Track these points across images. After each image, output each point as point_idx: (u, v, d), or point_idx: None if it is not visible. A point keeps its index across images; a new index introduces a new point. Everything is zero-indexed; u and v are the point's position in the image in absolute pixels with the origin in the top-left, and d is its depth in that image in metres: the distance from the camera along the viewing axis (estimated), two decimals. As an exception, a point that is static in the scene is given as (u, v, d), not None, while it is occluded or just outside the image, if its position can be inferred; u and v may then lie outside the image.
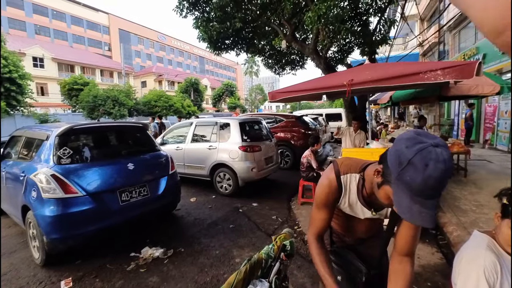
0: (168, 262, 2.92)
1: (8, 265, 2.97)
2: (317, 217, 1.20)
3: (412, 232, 1.05)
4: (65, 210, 2.69)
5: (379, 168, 0.93)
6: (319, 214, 1.20)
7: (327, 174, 1.18)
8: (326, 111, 14.82)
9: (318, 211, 1.20)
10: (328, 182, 1.15)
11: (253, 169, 4.92)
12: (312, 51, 6.38)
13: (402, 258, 1.07)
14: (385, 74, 3.09)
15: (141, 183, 3.33)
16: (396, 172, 0.79)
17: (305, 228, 3.67)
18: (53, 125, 3.43)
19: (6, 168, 3.59)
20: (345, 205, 1.18)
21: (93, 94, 22.07)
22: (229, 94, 39.20)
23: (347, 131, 5.49)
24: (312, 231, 1.22)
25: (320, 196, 1.17)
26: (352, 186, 1.14)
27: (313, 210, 1.23)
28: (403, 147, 0.78)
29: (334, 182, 1.14)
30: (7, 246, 3.42)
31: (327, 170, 1.21)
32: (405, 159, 0.76)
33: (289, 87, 4.28)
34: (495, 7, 0.26)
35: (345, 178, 1.14)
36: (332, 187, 1.14)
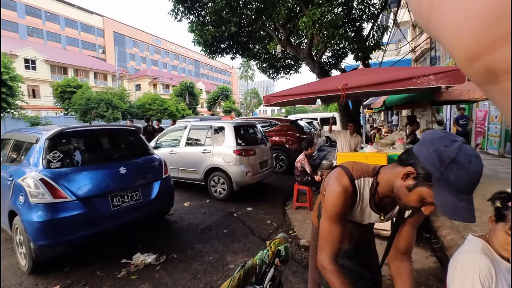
0: (160, 268, 2.85)
1: (-7, 272, 2.86)
2: (333, 233, 1.05)
3: (413, 231, 1.11)
4: (53, 216, 2.61)
5: (410, 170, 0.88)
6: (334, 228, 1.05)
7: (339, 179, 1.06)
8: (320, 115, 14.93)
9: (334, 225, 1.05)
10: (342, 188, 1.04)
11: (247, 173, 4.89)
12: (306, 55, 6.43)
13: (403, 256, 1.12)
14: (379, 79, 3.12)
15: (133, 188, 3.27)
16: (439, 172, 0.78)
17: (300, 233, 3.65)
18: (44, 128, 3.35)
19: (-7, 172, 3.49)
20: (356, 212, 1.11)
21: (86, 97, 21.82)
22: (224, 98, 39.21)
23: (343, 133, 5.51)
24: (328, 251, 1.05)
25: (335, 207, 1.04)
26: (365, 191, 1.07)
27: (325, 225, 1.07)
28: (442, 146, 0.78)
29: (349, 188, 1.04)
30: (-7, 253, 3.30)
31: (336, 175, 1.09)
32: (447, 158, 0.76)
33: (284, 91, 4.29)
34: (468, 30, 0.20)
35: (359, 182, 1.06)
36: (348, 193, 1.04)
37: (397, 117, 17.45)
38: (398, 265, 1.11)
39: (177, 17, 6.90)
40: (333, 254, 1.05)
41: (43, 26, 35.98)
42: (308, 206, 4.47)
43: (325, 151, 11.60)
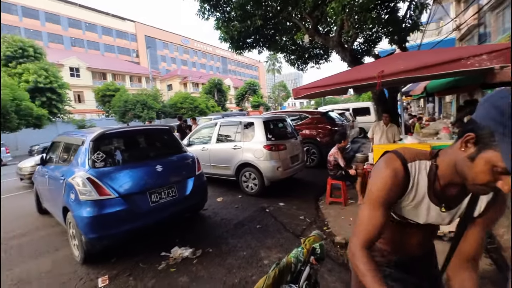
0: (197, 262, 2.95)
1: (52, 261, 3.20)
2: (370, 220, 0.93)
3: (482, 234, 0.93)
4: (100, 211, 2.82)
5: (469, 135, 0.75)
6: (374, 215, 0.93)
7: (388, 162, 0.92)
8: (353, 105, 14.23)
9: (373, 211, 0.93)
10: (391, 171, 0.89)
11: (278, 168, 4.84)
12: (336, 43, 6.12)
13: (468, 264, 0.94)
14: (420, 63, 2.83)
15: (169, 184, 3.41)
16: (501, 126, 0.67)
17: (335, 229, 3.53)
18: (88, 131, 3.62)
19: (49, 171, 3.88)
20: (410, 202, 0.94)
21: (123, 99, 23.34)
22: (252, 92, 39.32)
23: (376, 126, 5.21)
24: (361, 238, 0.94)
25: (380, 190, 0.91)
26: (421, 176, 0.91)
27: (363, 210, 0.96)
28: (497, 98, 0.70)
29: (400, 170, 0.89)
30: (52, 243, 3.70)
31: (386, 158, 0.95)
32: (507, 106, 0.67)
33: (313, 82, 4.13)
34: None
35: (413, 166, 0.91)
36: (398, 177, 0.89)
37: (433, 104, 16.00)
38: (461, 276, 0.93)
39: (204, 16, 7.00)
40: (367, 241, 0.93)
41: (83, 36, 39.07)
42: (343, 201, 4.31)
43: (359, 143, 11.08)
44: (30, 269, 3.08)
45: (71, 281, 2.76)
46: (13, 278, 2.90)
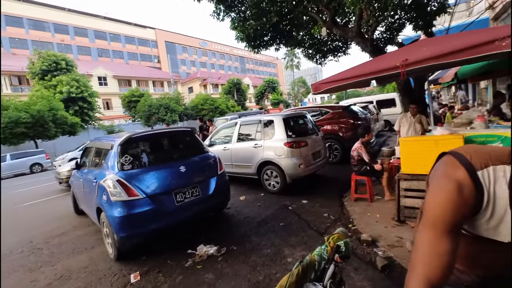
0: (222, 259, 3.01)
1: (88, 258, 3.43)
2: (433, 249, 0.70)
3: None
4: (129, 211, 2.98)
5: None
6: (440, 245, 0.70)
7: (448, 172, 0.72)
8: (376, 97, 13.63)
9: (439, 238, 0.70)
10: (454, 185, 0.69)
11: (300, 165, 4.78)
12: (356, 34, 5.90)
13: None
14: (448, 48, 2.64)
15: (193, 184, 3.50)
16: None
17: (361, 226, 3.42)
18: (116, 135, 3.81)
19: (83, 175, 4.15)
20: (487, 220, 0.71)
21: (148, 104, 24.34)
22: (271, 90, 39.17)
23: (403, 118, 4.96)
24: (423, 277, 0.69)
25: (441, 213, 0.70)
26: (499, 187, 0.68)
27: (422, 237, 0.74)
28: None
29: (467, 183, 0.68)
30: (88, 242, 3.97)
31: (445, 166, 0.75)
32: None
33: (333, 76, 4.02)
34: None
35: (485, 174, 0.68)
36: (465, 193, 0.68)
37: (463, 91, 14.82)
38: None
39: (219, 17, 7.07)
40: (434, 281, 0.69)
41: (108, 46, 41.24)
42: (369, 198, 4.16)
43: (385, 137, 10.63)
44: (70, 265, 3.32)
45: (106, 277, 2.94)
46: (56, 273, 3.15)
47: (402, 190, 3.31)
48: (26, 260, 3.64)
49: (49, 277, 3.10)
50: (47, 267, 3.35)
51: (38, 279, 3.08)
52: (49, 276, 3.11)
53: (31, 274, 3.23)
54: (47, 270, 3.28)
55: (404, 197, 3.30)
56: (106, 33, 40.76)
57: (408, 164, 3.25)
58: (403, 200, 3.32)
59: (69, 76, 20.99)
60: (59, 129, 17.58)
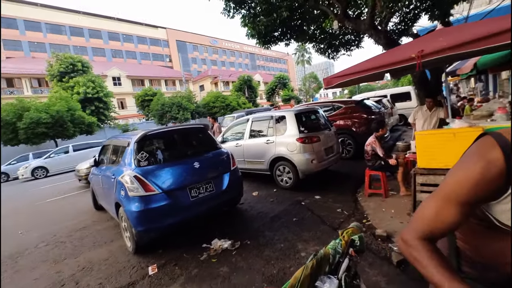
0: (236, 253, 3.06)
1: (108, 251, 3.58)
2: (439, 215, 0.74)
3: None
4: (146, 206, 3.07)
5: None
6: (445, 212, 0.73)
7: (482, 150, 0.70)
8: (391, 91, 13.29)
9: (445, 206, 0.73)
10: (485, 164, 0.66)
11: (312, 160, 4.75)
12: (369, 27, 5.76)
13: None
14: (467, 37, 2.54)
15: (207, 180, 3.57)
16: None
17: (375, 222, 3.38)
18: (132, 133, 3.93)
19: (101, 172, 4.31)
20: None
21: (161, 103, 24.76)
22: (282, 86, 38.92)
23: (419, 111, 4.82)
24: (419, 228, 0.77)
25: (461, 186, 0.70)
26: None
27: (431, 201, 0.78)
28: None
29: (498, 164, 0.65)
30: (107, 236, 4.13)
31: (480, 145, 0.72)
32: None
33: (346, 69, 3.95)
34: None
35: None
36: (492, 175, 0.66)
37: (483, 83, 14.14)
38: None
39: (229, 14, 7.08)
40: (427, 234, 0.75)
41: (122, 47, 42.15)
42: (383, 193, 4.09)
43: (399, 131, 10.37)
44: (91, 257, 3.48)
45: (125, 269, 3.06)
46: (79, 265, 3.30)
47: (418, 185, 3.24)
48: (50, 252, 3.83)
49: (73, 268, 3.26)
50: (71, 259, 3.52)
51: (63, 271, 3.24)
52: (72, 268, 3.27)
53: (56, 265, 3.41)
54: (70, 262, 3.45)
55: (421, 192, 3.23)
56: (119, 34, 41.66)
57: (425, 158, 3.17)
58: (419, 195, 3.24)
59: (85, 77, 21.65)
60: (77, 128, 18.21)
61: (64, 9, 36.21)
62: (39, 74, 26.82)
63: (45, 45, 34.38)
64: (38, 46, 34.05)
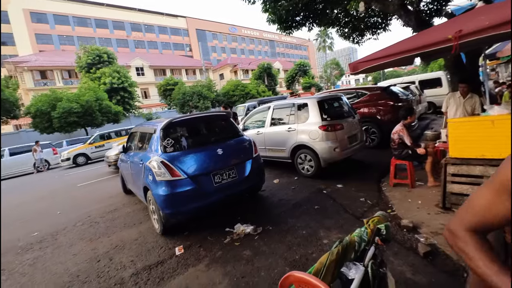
0: (258, 238, 3.13)
1: (138, 232, 3.80)
2: (491, 207, 0.71)
3: None
4: (173, 190, 3.21)
5: None
6: (498, 204, 0.69)
7: None
8: (419, 77, 12.51)
9: (500, 198, 0.69)
10: None
11: (335, 149, 4.66)
12: (398, 7, 5.41)
13: None
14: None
15: (229, 166, 3.63)
16: None
17: (401, 212, 3.29)
18: (158, 121, 4.06)
19: (130, 158, 4.53)
20: None
21: (182, 92, 25.21)
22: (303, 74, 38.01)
23: (451, 98, 4.53)
24: (468, 220, 0.74)
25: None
26: None
27: (484, 192, 0.74)
28: None
29: None
30: (136, 218, 4.38)
31: None
32: None
33: (373, 53, 3.77)
34: None
35: None
36: None
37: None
38: None
39: (250, 0, 6.95)
40: (476, 226, 0.72)
41: (144, 37, 43.02)
42: (410, 183, 3.95)
43: (428, 120, 9.84)
44: (122, 236, 3.72)
45: (154, 248, 3.25)
46: (112, 243, 3.55)
47: (449, 175, 3.08)
48: (86, 231, 4.15)
49: (106, 246, 3.52)
50: (104, 237, 3.80)
51: (97, 248, 3.51)
52: (106, 246, 3.53)
53: (91, 243, 3.69)
54: (104, 240, 3.72)
55: (451, 182, 3.08)
56: (141, 24, 42.47)
57: (458, 147, 3.00)
58: (449, 186, 3.09)
59: (111, 68, 22.45)
60: (105, 117, 19.13)
61: (89, 2, 37.38)
62: (69, 66, 28.22)
63: (74, 38, 35.92)
64: (67, 39, 35.67)
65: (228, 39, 54.56)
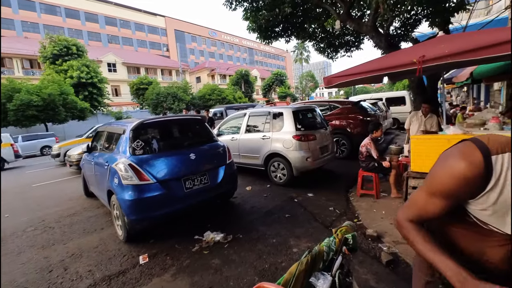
0: (228, 246, 3.07)
1: (99, 239, 3.53)
2: (425, 205, 0.86)
3: None
4: (140, 195, 3.05)
5: None
6: (430, 203, 0.84)
7: (464, 152, 0.76)
8: (386, 95, 13.45)
9: (431, 199, 0.84)
10: (467, 165, 0.73)
11: (308, 158, 4.79)
12: (370, 28, 5.79)
13: None
14: (469, 45, 2.59)
15: (202, 172, 3.55)
16: None
17: (366, 222, 3.44)
18: (128, 121, 3.87)
19: (94, 158, 4.24)
20: (490, 205, 0.75)
21: (156, 92, 24.40)
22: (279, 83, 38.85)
23: (414, 116, 4.90)
24: (410, 213, 0.91)
25: (445, 185, 0.78)
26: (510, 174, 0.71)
27: (421, 193, 0.88)
28: None
29: (479, 166, 0.72)
30: (98, 223, 4.08)
31: (463, 147, 0.79)
32: None
33: (347, 70, 3.97)
34: None
35: (499, 160, 0.72)
36: (473, 173, 0.73)
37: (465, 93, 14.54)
38: None
39: (231, 6, 7.00)
40: (416, 218, 0.90)
41: (118, 32, 41.21)
42: (375, 194, 4.16)
43: (392, 135, 10.53)
44: (81, 244, 3.43)
45: (116, 257, 3.04)
46: (68, 251, 3.26)
47: (410, 188, 3.30)
48: (39, 237, 3.77)
49: (61, 254, 3.22)
50: (59, 245, 3.48)
51: (51, 256, 3.19)
52: (61, 254, 3.23)
53: (44, 251, 3.36)
54: (59, 248, 3.40)
55: (412, 194, 3.29)
56: (116, 19, 40.67)
57: (418, 162, 3.24)
58: (410, 197, 3.31)
59: (80, 61, 21.10)
60: (69, 113, 17.80)
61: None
62: (31, 55, 26.02)
63: (39, 25, 33.32)
64: (31, 26, 32.98)
65: (207, 42, 54.23)
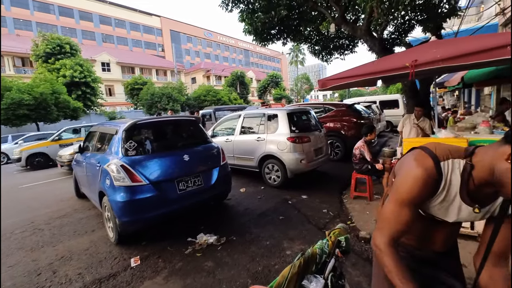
0: (221, 249, 3.05)
1: (89, 241, 3.48)
2: (398, 217, 0.93)
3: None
4: (132, 197, 3.00)
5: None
6: (402, 214, 0.92)
7: (419, 160, 0.90)
8: (380, 98, 13.61)
9: (402, 209, 0.92)
10: (423, 172, 0.87)
11: (302, 160, 4.80)
12: (365, 32, 5.84)
13: (497, 260, 0.93)
14: (460, 51, 2.63)
15: (195, 174, 3.53)
16: None
17: (359, 224, 3.46)
18: (121, 121, 3.82)
19: (86, 159, 4.18)
20: (440, 202, 0.91)
21: (150, 92, 24.22)
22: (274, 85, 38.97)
23: (407, 119, 4.97)
24: (387, 233, 0.95)
25: (409, 193, 0.90)
26: (454, 176, 0.87)
27: (389, 206, 0.97)
28: None
29: (432, 171, 0.86)
30: (89, 225, 4.01)
31: (416, 155, 0.93)
32: None
33: (341, 73, 4.00)
34: None
35: (446, 165, 0.87)
36: (430, 178, 0.86)
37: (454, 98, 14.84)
38: (491, 272, 0.92)
39: (227, 8, 6.99)
40: (394, 237, 0.94)
41: (113, 32, 40.81)
42: (368, 196, 4.19)
43: (386, 137, 10.65)
44: (71, 246, 3.37)
45: (107, 259, 2.99)
46: (57, 254, 3.19)
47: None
48: (27, 239, 3.69)
49: (50, 257, 3.15)
50: (49, 247, 3.40)
51: (39, 259, 3.13)
52: (50, 256, 3.16)
53: (33, 253, 3.28)
54: (48, 250, 3.33)
55: (404, 197, 3.32)
56: (111, 18, 40.29)
57: (411, 165, 3.27)
58: (403, 200, 3.34)
59: (73, 60, 20.79)
60: (61, 112, 17.49)
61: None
62: (23, 53, 25.55)
63: (32, 23, 32.77)
64: (24, 24, 32.41)
65: (203, 43, 54.11)
